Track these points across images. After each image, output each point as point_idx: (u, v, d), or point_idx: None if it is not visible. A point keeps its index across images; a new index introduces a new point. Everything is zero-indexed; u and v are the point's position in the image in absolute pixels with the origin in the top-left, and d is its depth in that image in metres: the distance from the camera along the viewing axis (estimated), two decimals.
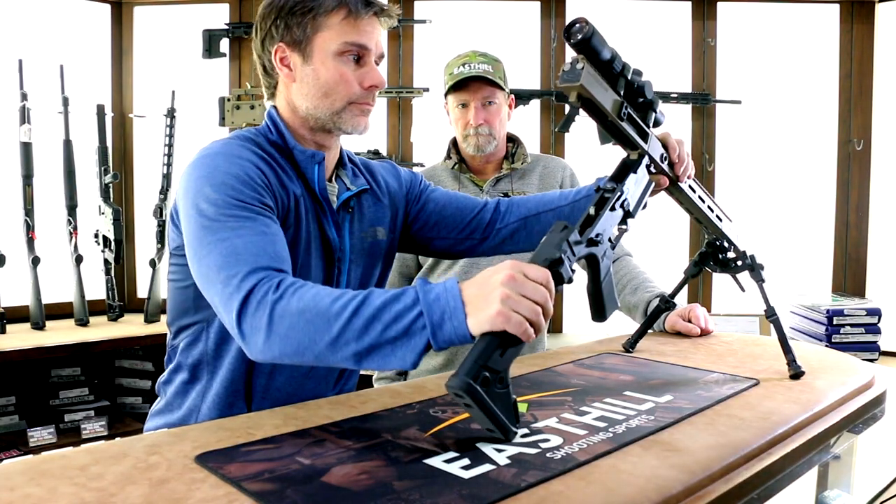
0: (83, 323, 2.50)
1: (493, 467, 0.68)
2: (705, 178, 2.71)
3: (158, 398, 1.12)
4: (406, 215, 1.21)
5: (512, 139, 1.77)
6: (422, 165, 2.60)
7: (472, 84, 1.64)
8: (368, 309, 0.76)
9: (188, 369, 1.06)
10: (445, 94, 1.71)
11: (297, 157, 1.03)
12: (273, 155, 1.02)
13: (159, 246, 2.69)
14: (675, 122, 2.71)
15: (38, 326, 2.42)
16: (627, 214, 0.93)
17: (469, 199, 1.24)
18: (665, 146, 1.02)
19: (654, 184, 0.99)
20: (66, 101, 2.50)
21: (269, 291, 0.81)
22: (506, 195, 1.69)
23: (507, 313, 0.72)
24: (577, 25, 0.82)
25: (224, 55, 2.76)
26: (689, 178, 1.06)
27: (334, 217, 1.07)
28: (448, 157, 1.74)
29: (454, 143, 1.75)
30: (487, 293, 0.73)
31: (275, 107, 1.07)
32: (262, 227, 0.90)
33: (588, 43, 0.81)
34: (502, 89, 1.67)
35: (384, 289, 0.84)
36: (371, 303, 0.77)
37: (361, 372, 1.53)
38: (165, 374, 1.11)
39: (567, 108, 2.73)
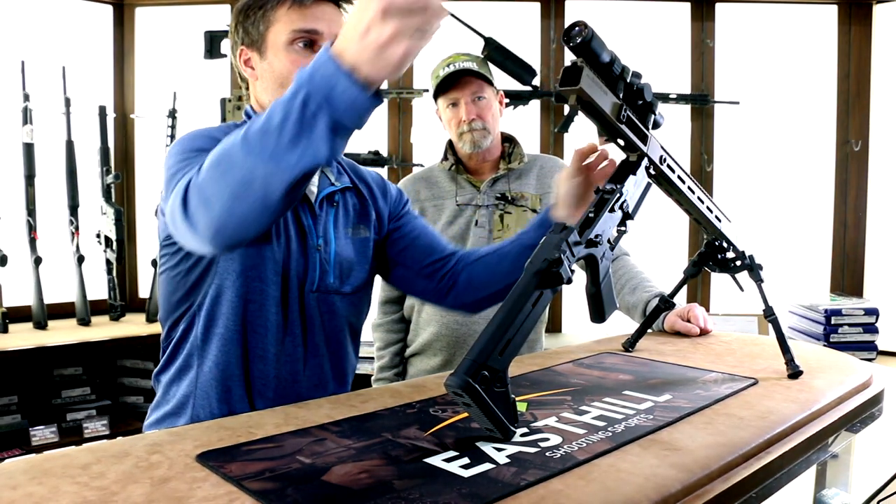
0: (85, 322, 2.51)
1: (492, 466, 0.69)
2: (704, 178, 2.71)
3: (156, 392, 1.13)
4: (384, 228, 1.21)
5: (508, 139, 1.77)
6: (421, 166, 2.60)
7: (459, 81, 1.64)
8: (257, 124, 0.72)
9: (181, 359, 1.07)
10: (435, 99, 1.72)
11: None
12: None
13: None
14: (675, 123, 2.71)
15: (41, 326, 2.43)
16: (626, 216, 0.93)
17: (442, 241, 1.24)
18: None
19: (651, 185, 1.00)
20: (67, 102, 2.51)
21: (196, 173, 0.80)
22: (504, 195, 1.69)
23: (404, 50, 0.65)
24: (577, 29, 0.82)
25: (225, 56, 2.76)
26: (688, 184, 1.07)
27: (311, 209, 1.08)
28: (445, 158, 1.75)
29: (450, 144, 1.76)
30: (375, 43, 0.65)
31: (250, 105, 1.12)
32: None
33: (587, 46, 0.82)
34: (491, 84, 1.67)
35: None
36: (256, 119, 0.72)
37: (359, 372, 1.54)
38: (159, 366, 1.12)
39: (566, 108, 2.74)
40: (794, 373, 1.05)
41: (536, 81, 2.77)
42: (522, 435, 0.78)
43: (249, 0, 1.05)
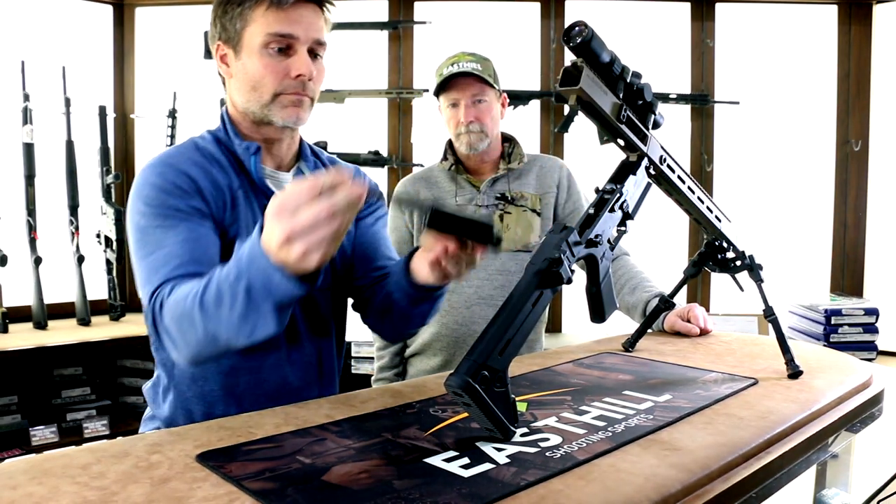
0: (85, 322, 2.51)
1: (492, 466, 0.69)
2: (704, 178, 2.71)
3: (148, 404, 1.13)
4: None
5: (508, 139, 1.77)
6: (421, 166, 2.60)
7: (460, 82, 1.64)
8: (209, 295, 0.81)
9: (165, 373, 1.07)
10: (437, 96, 1.72)
11: (236, 151, 1.06)
12: (213, 154, 1.04)
13: None
14: (675, 123, 2.72)
15: (41, 326, 2.43)
16: (627, 216, 0.94)
17: (384, 252, 1.19)
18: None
19: (651, 185, 1.00)
20: (68, 102, 2.51)
21: (159, 310, 0.88)
22: (503, 195, 1.69)
23: (304, 250, 0.70)
24: (577, 29, 0.82)
25: None
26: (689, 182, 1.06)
27: None
28: (445, 158, 1.75)
29: (450, 144, 1.76)
30: (283, 257, 0.72)
31: (226, 107, 1.10)
32: (183, 234, 0.95)
33: (587, 46, 0.82)
34: (492, 87, 1.67)
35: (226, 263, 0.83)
36: (210, 286, 0.81)
37: (360, 372, 1.53)
38: (151, 380, 1.12)
39: (566, 108, 2.74)
40: (794, 373, 1.05)
41: (536, 82, 2.78)
42: (522, 435, 0.78)
43: None
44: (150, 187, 0.98)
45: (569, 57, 0.85)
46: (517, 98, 2.67)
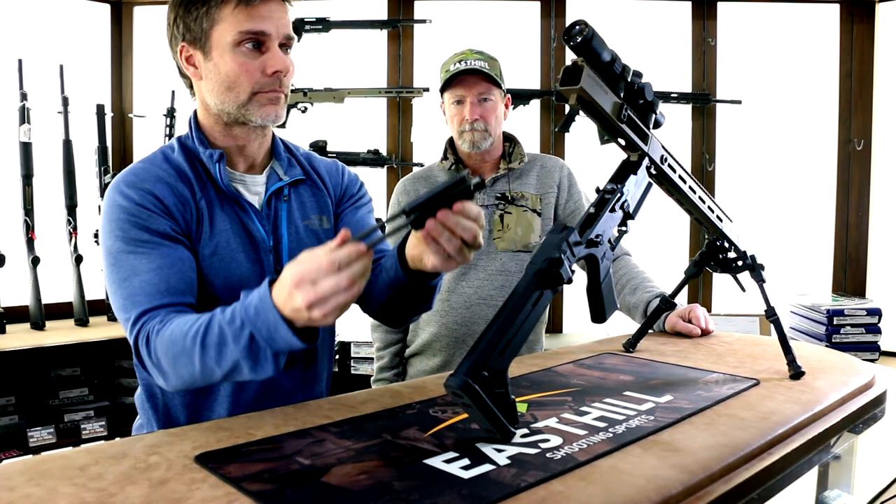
0: (83, 323, 2.50)
1: (492, 467, 0.68)
2: (705, 178, 2.71)
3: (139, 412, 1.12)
4: (335, 209, 1.16)
5: (509, 139, 1.76)
6: (421, 165, 2.60)
7: (467, 79, 1.63)
8: (211, 338, 0.84)
9: (143, 380, 1.06)
10: (441, 92, 1.71)
11: (204, 160, 1.03)
12: (180, 165, 1.02)
13: None
14: (676, 122, 2.71)
15: (38, 326, 2.42)
16: (627, 216, 0.93)
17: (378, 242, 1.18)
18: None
19: (652, 185, 0.99)
20: (65, 101, 2.50)
21: (144, 345, 0.90)
22: (504, 195, 1.69)
23: (324, 314, 0.75)
24: (577, 28, 0.82)
25: None
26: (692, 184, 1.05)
27: (255, 212, 1.05)
28: (445, 157, 1.74)
29: (451, 142, 1.75)
30: (301, 318, 0.77)
31: (195, 111, 1.08)
32: (157, 261, 0.95)
33: (588, 45, 0.81)
34: (498, 86, 1.66)
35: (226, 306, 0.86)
36: (212, 329, 0.84)
37: (359, 372, 1.53)
38: (139, 390, 1.10)
39: (567, 108, 2.74)
40: (796, 373, 1.05)
41: (537, 82, 2.78)
42: (523, 436, 0.77)
43: None
44: (119, 209, 0.97)
45: (569, 56, 0.85)
46: (518, 97, 2.67)
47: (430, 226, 0.79)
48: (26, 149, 2.41)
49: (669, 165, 1.01)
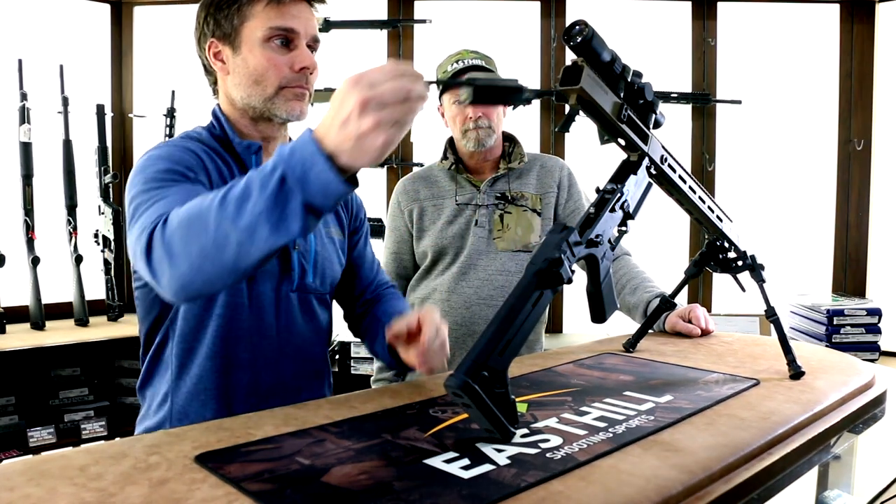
0: (83, 323, 2.50)
1: (492, 467, 0.68)
2: (705, 178, 2.71)
3: (141, 405, 1.12)
4: (349, 230, 1.22)
5: (509, 139, 1.76)
6: (421, 165, 2.60)
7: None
8: (235, 191, 0.72)
9: (157, 372, 1.06)
10: (440, 95, 1.71)
11: (237, 149, 1.06)
12: (216, 149, 1.04)
13: None
14: (676, 122, 2.71)
15: (38, 326, 2.42)
16: (627, 216, 0.93)
17: (367, 273, 1.24)
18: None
19: (652, 185, 0.99)
20: (65, 101, 2.50)
21: (160, 225, 0.80)
22: (504, 195, 1.69)
23: (376, 122, 0.66)
24: (577, 28, 0.82)
25: None
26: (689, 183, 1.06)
27: None
28: (445, 157, 1.74)
29: (450, 143, 1.75)
30: (355, 134, 0.66)
31: (218, 105, 1.10)
32: (183, 188, 0.92)
33: (588, 45, 0.81)
34: None
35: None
36: (236, 185, 0.73)
37: (359, 372, 1.53)
38: (139, 379, 1.10)
39: (567, 108, 2.74)
40: (796, 373, 1.05)
41: (537, 82, 2.78)
42: (523, 436, 0.77)
43: None
44: (156, 160, 0.96)
45: (569, 56, 0.85)
46: None
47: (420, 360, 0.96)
48: (26, 149, 2.41)
49: (669, 165, 1.01)
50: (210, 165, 1.01)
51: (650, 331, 1.32)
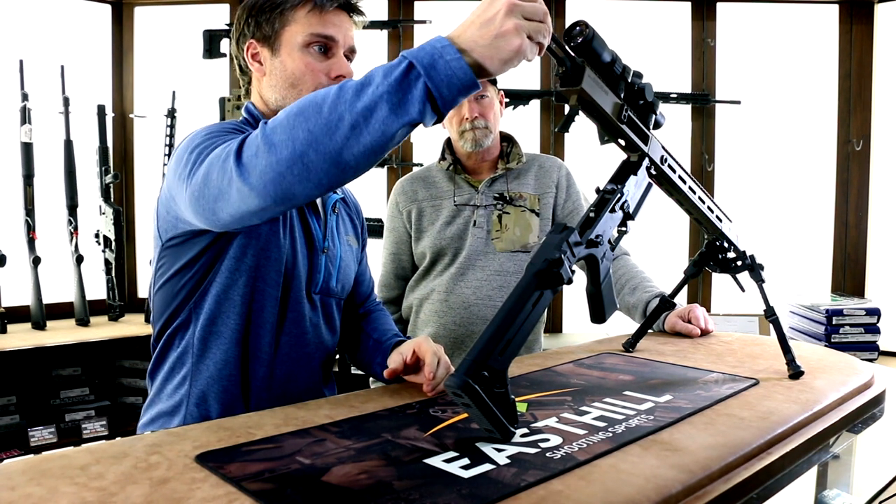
0: (84, 323, 2.50)
1: (492, 467, 0.68)
2: (705, 178, 2.71)
3: (149, 391, 1.12)
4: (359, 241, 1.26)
5: (507, 139, 1.77)
6: (420, 165, 2.60)
7: None
8: (353, 81, 0.72)
9: (173, 357, 1.07)
10: None
11: None
12: None
13: None
14: (675, 123, 2.71)
15: (39, 326, 2.43)
16: (627, 216, 0.93)
17: (362, 287, 1.28)
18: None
19: (652, 185, 0.99)
20: (66, 102, 2.50)
21: (258, 132, 0.77)
22: (502, 195, 1.69)
23: (518, 45, 0.69)
24: (578, 28, 0.82)
25: (224, 55, 2.76)
26: (687, 181, 1.06)
27: (315, 212, 1.11)
28: (443, 158, 1.74)
29: (448, 143, 1.75)
30: (496, 31, 0.69)
31: (251, 103, 1.12)
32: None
33: (588, 46, 0.81)
34: (493, 83, 1.67)
35: None
36: (356, 78, 0.73)
37: (359, 372, 1.53)
38: (151, 364, 1.11)
39: (567, 108, 2.74)
40: (796, 373, 1.05)
41: (536, 82, 2.78)
42: (523, 435, 0.78)
43: None
44: (212, 126, 0.97)
45: None
46: (517, 97, 2.67)
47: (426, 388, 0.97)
48: (27, 149, 2.42)
49: (669, 166, 1.01)
50: None
51: (650, 331, 1.33)
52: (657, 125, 0.98)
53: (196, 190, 0.84)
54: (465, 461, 0.70)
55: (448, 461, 0.70)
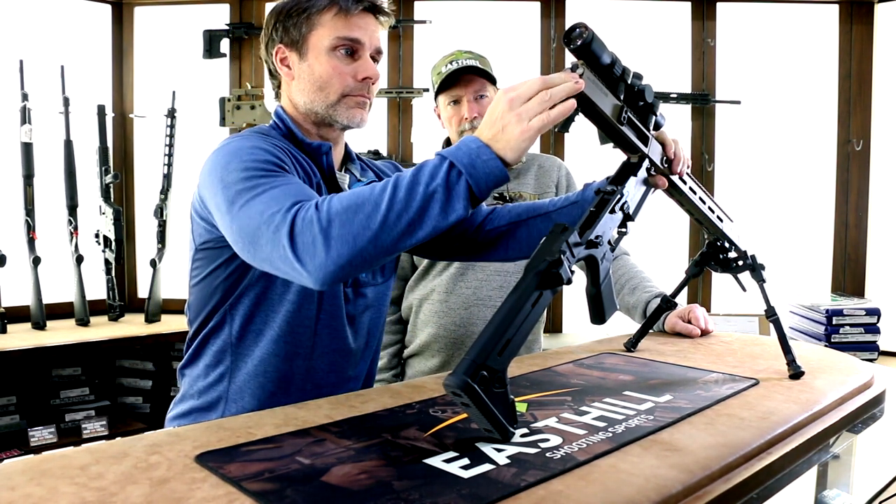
0: (84, 323, 2.51)
1: (492, 467, 0.68)
2: (705, 178, 2.71)
3: (180, 386, 1.13)
4: None
5: None
6: None
7: (462, 79, 1.63)
8: (404, 182, 0.80)
9: (210, 355, 1.08)
10: (436, 95, 1.71)
11: (307, 149, 1.08)
12: (287, 148, 1.06)
13: (160, 246, 2.69)
14: (675, 123, 2.71)
15: (39, 326, 2.43)
16: (627, 217, 0.93)
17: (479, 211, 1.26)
18: (662, 143, 1.02)
19: (652, 186, 0.99)
20: (66, 102, 2.51)
21: (309, 209, 0.82)
22: (501, 196, 1.69)
23: (530, 126, 0.78)
24: (577, 30, 0.82)
25: (224, 55, 2.77)
26: (686, 172, 1.06)
27: None
28: None
29: (448, 143, 1.75)
30: (502, 126, 0.79)
31: (281, 106, 1.13)
32: (294, 180, 0.92)
33: (588, 48, 0.82)
34: (493, 83, 1.67)
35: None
36: (403, 178, 0.81)
37: None
38: (184, 360, 1.12)
39: None
40: (796, 373, 1.05)
41: None
42: (522, 435, 0.78)
43: (292, 1, 1.07)
44: (251, 149, 0.95)
45: (569, 57, 0.85)
46: None
47: None
48: (27, 149, 2.42)
49: (667, 161, 1.01)
50: (292, 161, 1.02)
51: (650, 331, 1.33)
52: (657, 126, 0.98)
53: (242, 241, 0.88)
54: (465, 461, 0.70)
55: (448, 461, 0.70)
